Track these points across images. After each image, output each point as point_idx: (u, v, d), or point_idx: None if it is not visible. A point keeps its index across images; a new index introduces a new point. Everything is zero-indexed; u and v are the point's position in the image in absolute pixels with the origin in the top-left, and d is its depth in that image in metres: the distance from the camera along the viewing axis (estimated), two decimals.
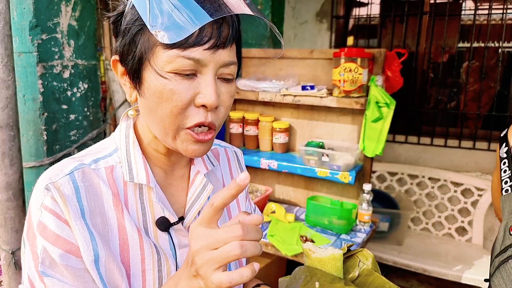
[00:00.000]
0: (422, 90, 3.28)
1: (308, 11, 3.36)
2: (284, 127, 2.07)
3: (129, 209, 0.64)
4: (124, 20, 0.59)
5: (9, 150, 1.41)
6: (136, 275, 0.62)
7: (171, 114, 0.57)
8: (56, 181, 0.59)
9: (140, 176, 0.64)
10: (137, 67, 0.58)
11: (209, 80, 0.56)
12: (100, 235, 0.60)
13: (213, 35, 0.55)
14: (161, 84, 0.56)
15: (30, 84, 1.46)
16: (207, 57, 0.55)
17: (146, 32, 0.56)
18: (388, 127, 1.78)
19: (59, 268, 0.57)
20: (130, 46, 0.58)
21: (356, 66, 1.75)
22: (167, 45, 0.54)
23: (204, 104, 0.57)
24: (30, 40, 1.42)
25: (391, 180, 3.16)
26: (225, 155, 0.83)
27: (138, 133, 0.68)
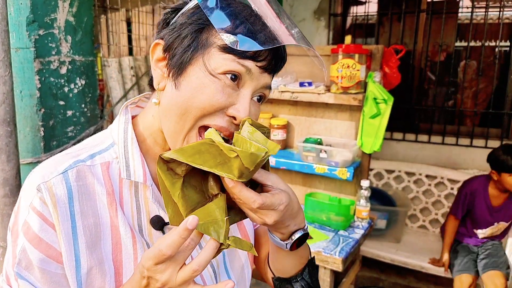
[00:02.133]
0: (419, 88, 3.29)
1: (306, 9, 3.36)
2: (282, 123, 2.07)
3: (123, 207, 0.64)
4: (183, 15, 0.61)
5: (6, 146, 1.40)
6: (128, 274, 0.63)
7: (199, 109, 0.58)
8: (48, 181, 0.58)
9: (137, 174, 0.63)
10: (186, 60, 0.59)
11: (247, 96, 0.60)
12: (90, 237, 0.60)
13: (267, 58, 0.59)
14: (209, 81, 0.58)
15: (27, 80, 1.45)
16: (256, 72, 0.59)
17: (205, 32, 0.59)
18: (386, 123, 1.78)
19: (35, 271, 0.58)
20: (183, 40, 0.60)
21: (354, 62, 1.76)
22: (226, 49, 0.57)
23: (235, 116, 0.59)
24: (27, 36, 1.42)
25: (389, 178, 3.17)
26: None
27: (136, 127, 0.67)
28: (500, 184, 2.28)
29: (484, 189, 2.38)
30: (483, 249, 2.43)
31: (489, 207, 2.38)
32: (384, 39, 3.37)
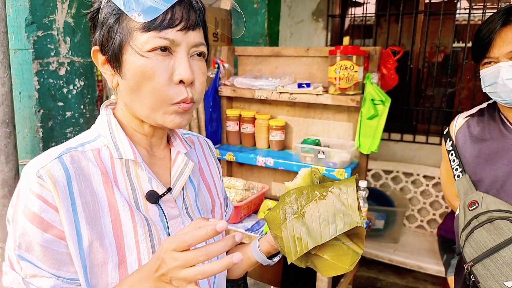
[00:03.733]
0: (417, 89, 3.30)
1: (304, 10, 3.37)
2: (280, 124, 2.08)
3: (119, 186, 0.68)
4: (101, 13, 0.66)
5: (5, 147, 1.40)
6: (130, 246, 0.66)
7: (155, 91, 0.63)
8: (46, 165, 0.62)
9: (127, 153, 0.68)
10: (118, 51, 0.64)
11: (183, 57, 0.64)
12: (90, 214, 0.63)
13: (184, 18, 0.63)
14: (142, 63, 0.62)
15: (26, 81, 1.46)
16: (180, 37, 0.63)
17: (123, 19, 0.63)
18: (384, 124, 1.79)
19: (35, 251, 0.60)
20: (109, 34, 0.65)
21: (351, 64, 1.76)
22: (144, 29, 0.62)
23: (182, 79, 0.64)
24: (26, 37, 1.42)
25: (386, 178, 3.18)
26: (199, 143, 0.91)
27: (118, 119, 0.72)
28: None
29: None
30: None
31: None
32: (382, 40, 3.38)
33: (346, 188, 0.73)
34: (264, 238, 0.89)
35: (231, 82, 2.14)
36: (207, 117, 2.23)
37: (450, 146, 1.33)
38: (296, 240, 0.73)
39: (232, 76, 2.18)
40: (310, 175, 0.79)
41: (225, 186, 1.96)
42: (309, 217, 0.73)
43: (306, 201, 0.74)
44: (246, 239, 1.91)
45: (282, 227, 0.74)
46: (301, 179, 0.79)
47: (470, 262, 1.13)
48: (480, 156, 1.22)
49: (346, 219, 0.71)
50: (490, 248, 1.08)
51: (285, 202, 0.76)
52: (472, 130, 1.30)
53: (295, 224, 0.73)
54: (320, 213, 0.73)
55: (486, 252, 1.09)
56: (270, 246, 0.87)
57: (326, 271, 0.75)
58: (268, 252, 0.88)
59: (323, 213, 0.73)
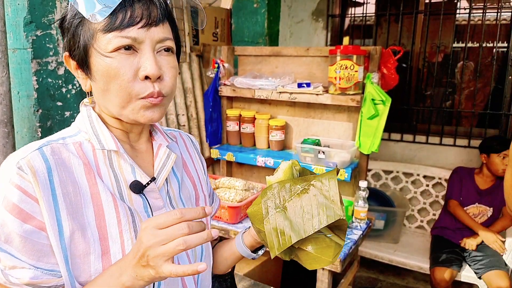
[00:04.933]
0: (417, 89, 3.29)
1: (304, 10, 3.36)
2: (280, 124, 2.07)
3: (102, 177, 0.68)
4: (66, 20, 0.67)
5: (3, 147, 1.40)
6: (113, 237, 0.66)
7: (121, 89, 0.64)
8: (25, 156, 0.62)
9: (109, 144, 0.69)
10: (83, 54, 0.65)
11: (147, 54, 0.64)
12: (71, 205, 0.63)
13: (144, 15, 0.63)
14: (107, 64, 0.63)
15: (25, 81, 1.45)
16: (142, 34, 0.63)
17: (85, 23, 0.64)
18: (384, 124, 1.79)
19: (15, 242, 0.60)
20: (74, 38, 0.66)
21: (352, 64, 1.76)
22: (106, 29, 0.62)
23: (147, 75, 0.64)
24: (24, 37, 1.42)
25: (386, 178, 3.17)
26: (181, 138, 0.91)
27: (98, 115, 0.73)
28: (488, 167, 2.51)
29: (470, 175, 2.61)
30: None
31: (477, 189, 2.55)
32: (382, 40, 3.38)
33: (328, 182, 0.74)
34: (248, 233, 0.90)
35: (231, 82, 2.13)
36: (207, 117, 2.23)
37: None
38: (279, 234, 0.74)
39: (232, 76, 2.17)
40: (291, 168, 0.80)
41: (225, 186, 1.95)
42: (291, 211, 0.74)
43: (289, 195, 0.75)
44: None
45: (265, 221, 0.75)
46: (282, 172, 0.79)
47: None
48: None
49: (328, 212, 0.72)
50: None
51: (267, 196, 0.77)
52: None
53: (278, 218, 0.74)
54: (302, 207, 0.74)
55: None
56: (254, 240, 0.88)
57: (310, 264, 0.77)
58: (252, 246, 0.89)
59: (305, 206, 0.74)
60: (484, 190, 2.54)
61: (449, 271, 2.36)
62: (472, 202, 2.56)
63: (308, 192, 0.74)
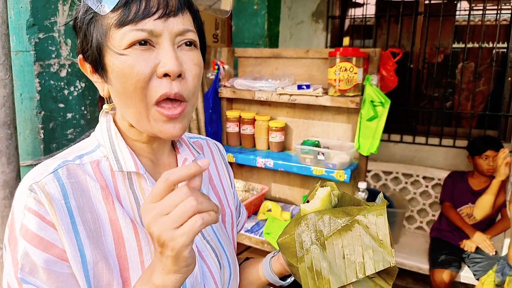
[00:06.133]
0: (417, 90, 3.30)
1: (304, 11, 3.38)
2: (280, 126, 2.08)
3: (121, 200, 0.62)
4: (78, 20, 0.61)
5: (6, 148, 1.41)
6: (134, 267, 0.61)
7: (135, 90, 0.57)
8: (40, 181, 0.57)
9: (128, 165, 0.62)
10: (97, 55, 0.59)
11: (167, 48, 0.57)
12: (91, 233, 0.58)
13: (161, 5, 0.56)
14: (122, 62, 0.56)
15: (27, 83, 1.47)
16: (159, 26, 0.56)
17: (98, 19, 0.58)
18: (383, 125, 1.80)
19: (40, 274, 0.55)
20: (86, 37, 0.59)
21: (351, 66, 1.77)
22: (119, 24, 0.56)
23: (166, 72, 0.56)
24: (27, 39, 1.43)
25: (386, 179, 3.18)
26: (208, 147, 0.84)
27: (118, 127, 0.67)
28: (475, 168, 2.56)
29: (463, 177, 2.66)
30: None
31: (470, 190, 2.60)
32: (382, 41, 3.39)
33: (375, 219, 0.64)
34: (276, 259, 0.80)
35: (231, 84, 2.15)
36: (207, 119, 2.24)
37: None
38: (316, 275, 0.64)
39: (232, 78, 2.19)
40: (329, 195, 0.69)
41: None
42: (331, 251, 0.64)
43: (328, 230, 0.65)
44: (246, 240, 1.92)
45: (299, 259, 0.66)
46: (319, 201, 0.69)
47: None
48: None
49: (376, 257, 0.62)
50: None
51: (302, 228, 0.67)
52: None
53: (314, 256, 0.65)
54: (344, 247, 0.64)
55: None
56: (283, 269, 0.78)
57: None
58: (281, 273, 0.80)
59: (348, 246, 0.63)
60: (477, 190, 2.57)
61: (448, 273, 2.37)
62: (466, 202, 2.60)
63: (352, 230, 0.64)
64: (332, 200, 0.70)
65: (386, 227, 0.63)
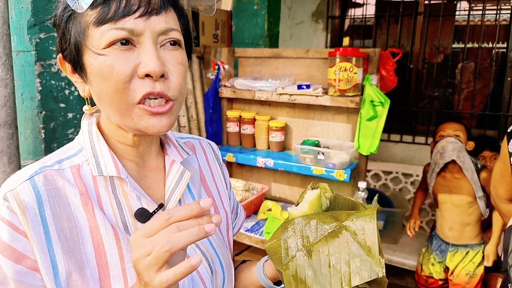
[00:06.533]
0: (417, 90, 3.31)
1: (304, 12, 3.38)
2: (280, 125, 2.09)
3: (102, 206, 0.60)
4: (57, 14, 0.59)
5: (7, 148, 1.42)
6: (116, 276, 0.58)
7: (116, 91, 0.54)
8: (14, 189, 0.55)
9: (109, 169, 0.60)
10: (76, 54, 0.57)
11: (148, 47, 0.54)
12: (67, 242, 0.56)
13: (142, 3, 0.54)
14: (100, 62, 0.54)
15: (28, 83, 1.47)
16: (141, 25, 0.54)
17: (76, 16, 0.55)
18: (383, 125, 1.81)
19: (10, 285, 0.54)
20: (65, 36, 0.57)
21: (351, 66, 1.78)
22: (98, 22, 0.53)
23: (147, 73, 0.54)
24: (28, 39, 1.44)
25: (386, 179, 3.19)
26: (201, 147, 0.81)
27: (102, 129, 0.65)
28: None
29: None
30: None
31: None
32: (382, 41, 3.40)
33: (364, 225, 0.59)
34: (269, 263, 0.77)
35: (231, 84, 2.15)
36: (207, 118, 2.25)
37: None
38: (299, 283, 0.61)
39: (232, 78, 2.19)
40: (318, 199, 0.65)
41: None
42: (316, 258, 0.61)
43: (314, 236, 0.62)
44: (246, 239, 1.92)
45: (284, 266, 0.63)
46: (307, 204, 0.65)
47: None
48: None
49: (363, 266, 0.58)
50: None
51: (288, 233, 0.64)
52: None
53: (299, 264, 0.62)
54: (330, 255, 0.60)
55: None
56: (275, 273, 0.76)
57: None
58: (273, 277, 0.77)
59: (334, 254, 0.60)
60: None
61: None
62: None
63: (339, 236, 0.60)
64: (324, 203, 0.66)
65: (375, 234, 0.58)
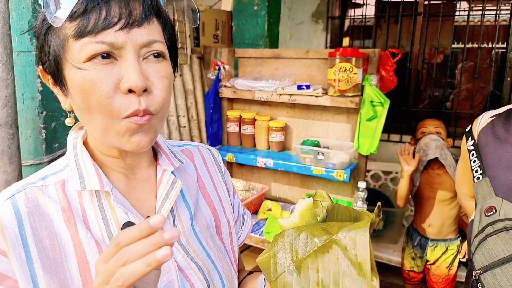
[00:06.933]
0: (416, 90, 3.32)
1: (304, 12, 3.39)
2: (280, 126, 2.09)
3: (87, 222, 0.58)
4: (36, 25, 0.57)
5: (8, 148, 1.42)
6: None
7: (99, 107, 0.52)
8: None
9: (92, 182, 0.58)
10: (55, 67, 0.55)
11: (130, 61, 0.52)
12: (48, 261, 0.54)
13: (123, 15, 0.51)
14: (81, 77, 0.52)
15: (29, 83, 1.48)
16: (121, 38, 0.51)
17: (55, 29, 0.53)
18: (382, 125, 1.81)
19: None
20: (43, 48, 0.55)
21: (351, 66, 1.78)
22: (78, 35, 0.51)
23: (130, 88, 0.52)
24: (29, 40, 1.44)
25: (386, 179, 3.19)
26: (199, 154, 0.78)
27: (88, 142, 0.63)
28: None
29: None
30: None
31: None
32: (382, 41, 3.40)
33: (355, 239, 0.53)
34: None
35: (232, 84, 2.16)
36: (207, 119, 2.25)
37: (472, 145, 1.23)
38: None
39: (233, 78, 2.20)
40: (311, 209, 0.61)
41: None
42: (305, 275, 0.56)
43: (304, 250, 0.57)
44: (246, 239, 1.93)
45: (272, 282, 0.59)
46: (298, 215, 0.61)
47: (479, 270, 1.06)
48: (501, 160, 1.11)
49: (353, 286, 0.53)
50: (502, 258, 1.01)
51: (278, 247, 0.60)
52: (496, 130, 1.18)
53: (287, 281, 0.57)
54: (320, 272, 0.55)
55: (497, 262, 1.02)
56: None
57: None
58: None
59: (323, 271, 0.55)
60: None
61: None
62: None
63: (329, 251, 0.55)
64: (320, 213, 0.61)
65: (367, 249, 0.52)
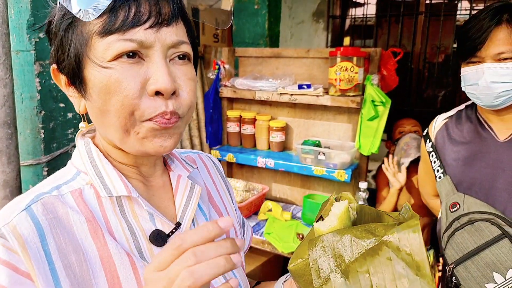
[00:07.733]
0: (417, 90, 3.30)
1: (305, 11, 3.38)
2: (280, 126, 2.08)
3: (113, 232, 0.54)
4: (53, 22, 0.53)
5: (6, 148, 1.41)
6: None
7: (122, 108, 0.49)
8: (10, 222, 0.47)
9: (118, 188, 0.54)
10: (75, 66, 0.51)
11: (158, 61, 0.50)
12: (76, 279, 0.49)
13: (153, 13, 0.50)
14: (106, 76, 0.49)
15: (28, 83, 1.47)
16: (151, 37, 0.49)
17: (77, 25, 0.50)
18: (384, 125, 1.80)
19: None
20: (63, 46, 0.52)
21: (352, 65, 1.77)
22: (104, 32, 0.48)
23: (158, 90, 0.50)
24: (27, 39, 1.43)
25: None
26: (201, 161, 0.77)
27: (99, 149, 0.59)
28: None
29: None
30: None
31: None
32: (383, 41, 3.39)
33: (408, 237, 0.50)
34: (289, 284, 0.71)
35: (232, 83, 2.15)
36: (207, 118, 2.24)
37: (430, 147, 1.33)
38: None
39: (233, 77, 2.19)
40: (347, 212, 0.58)
41: None
42: (356, 280, 0.53)
43: (349, 254, 0.54)
44: None
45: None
46: (337, 219, 0.57)
47: (452, 264, 1.13)
48: (459, 159, 1.22)
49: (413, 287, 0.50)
50: (471, 250, 1.08)
51: (317, 253, 0.56)
52: (450, 132, 1.29)
53: (336, 286, 0.54)
54: (372, 275, 0.52)
55: (467, 254, 1.09)
56: None
57: None
58: None
59: (376, 274, 0.52)
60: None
61: None
62: None
63: (379, 254, 0.51)
64: (351, 215, 0.59)
65: (423, 248, 0.50)
